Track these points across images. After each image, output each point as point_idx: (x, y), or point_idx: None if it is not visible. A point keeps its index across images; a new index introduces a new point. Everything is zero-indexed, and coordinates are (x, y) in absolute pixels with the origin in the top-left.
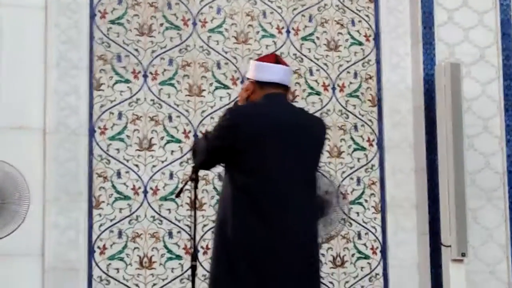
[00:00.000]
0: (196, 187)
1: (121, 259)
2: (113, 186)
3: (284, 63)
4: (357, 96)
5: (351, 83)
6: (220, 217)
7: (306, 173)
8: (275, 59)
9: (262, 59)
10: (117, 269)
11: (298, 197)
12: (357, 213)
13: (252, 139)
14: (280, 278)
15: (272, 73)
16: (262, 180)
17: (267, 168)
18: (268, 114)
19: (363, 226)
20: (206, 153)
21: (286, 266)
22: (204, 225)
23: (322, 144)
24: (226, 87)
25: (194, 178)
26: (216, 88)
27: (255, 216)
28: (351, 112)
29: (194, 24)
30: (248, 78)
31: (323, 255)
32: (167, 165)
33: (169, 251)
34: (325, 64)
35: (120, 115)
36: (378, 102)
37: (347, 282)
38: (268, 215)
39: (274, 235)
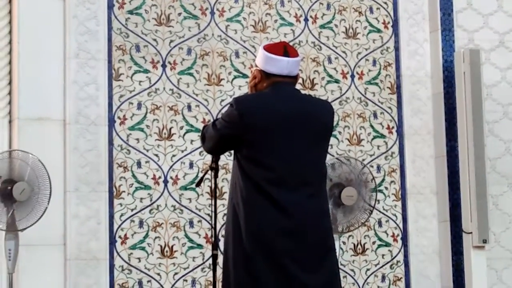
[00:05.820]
0: (216, 176)
1: (143, 249)
2: (134, 176)
3: (294, 53)
4: (376, 84)
5: (370, 70)
6: (232, 204)
7: (314, 160)
8: (283, 50)
9: (271, 49)
10: (139, 259)
11: (307, 185)
12: (378, 200)
13: (259, 129)
14: (292, 258)
15: (280, 67)
16: (270, 169)
17: (275, 158)
18: (275, 104)
19: (383, 214)
20: (213, 140)
21: (298, 248)
22: (225, 214)
23: (329, 130)
24: (244, 76)
25: (214, 167)
26: (235, 77)
27: (266, 203)
28: (370, 100)
29: (212, 13)
30: (256, 65)
31: (344, 243)
32: (187, 154)
33: (190, 240)
34: (344, 52)
35: (139, 105)
36: (397, 89)
37: (368, 269)
38: (278, 203)
39: (286, 221)
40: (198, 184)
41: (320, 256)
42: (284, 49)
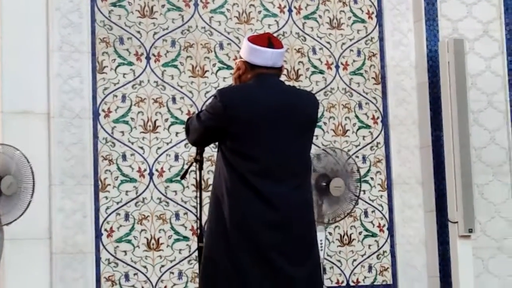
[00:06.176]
0: (201, 168)
1: (129, 242)
2: (119, 169)
3: (278, 44)
4: (361, 74)
5: (354, 61)
6: (215, 196)
7: (299, 152)
8: (268, 41)
9: (256, 40)
10: (125, 252)
11: (292, 177)
12: (363, 191)
13: (243, 121)
14: (278, 251)
15: (264, 58)
16: (255, 161)
17: (259, 150)
18: (259, 95)
19: (369, 204)
20: (198, 132)
21: (283, 241)
22: None
23: (314, 121)
24: (229, 67)
25: (199, 160)
26: (219, 68)
27: (250, 195)
28: (355, 90)
29: (196, 5)
30: (240, 56)
31: (330, 233)
32: (172, 146)
33: (176, 233)
34: (328, 43)
35: (124, 97)
36: (382, 80)
37: (354, 260)
38: (263, 194)
39: (270, 213)
40: (183, 177)
41: (305, 249)
42: (269, 41)
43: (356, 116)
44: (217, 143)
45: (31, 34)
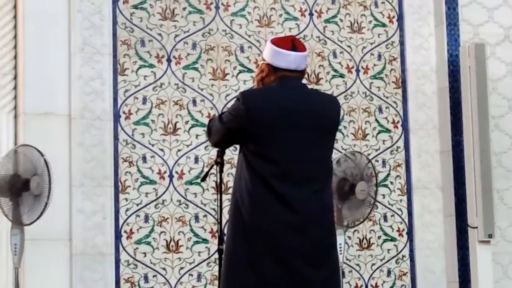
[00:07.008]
0: (221, 171)
1: (148, 243)
2: (139, 171)
3: (301, 47)
4: (381, 78)
5: (375, 65)
6: (235, 198)
7: (320, 156)
8: (291, 44)
9: (279, 43)
10: (144, 253)
11: (313, 180)
12: (383, 195)
13: (265, 124)
14: (296, 254)
15: (288, 61)
16: (276, 164)
17: (281, 153)
18: (282, 98)
19: (389, 208)
20: (220, 134)
21: (302, 244)
22: None
23: (336, 125)
24: (249, 70)
25: (219, 162)
26: (240, 71)
27: (271, 198)
28: (375, 94)
29: (217, 7)
30: (263, 59)
31: (349, 237)
32: (192, 149)
33: (196, 235)
34: (349, 46)
35: (144, 99)
36: (402, 84)
37: (373, 264)
38: (283, 197)
39: (290, 216)
40: (203, 179)
41: (324, 253)
42: (292, 43)
43: (376, 120)
44: (238, 146)
45: (52, 36)
